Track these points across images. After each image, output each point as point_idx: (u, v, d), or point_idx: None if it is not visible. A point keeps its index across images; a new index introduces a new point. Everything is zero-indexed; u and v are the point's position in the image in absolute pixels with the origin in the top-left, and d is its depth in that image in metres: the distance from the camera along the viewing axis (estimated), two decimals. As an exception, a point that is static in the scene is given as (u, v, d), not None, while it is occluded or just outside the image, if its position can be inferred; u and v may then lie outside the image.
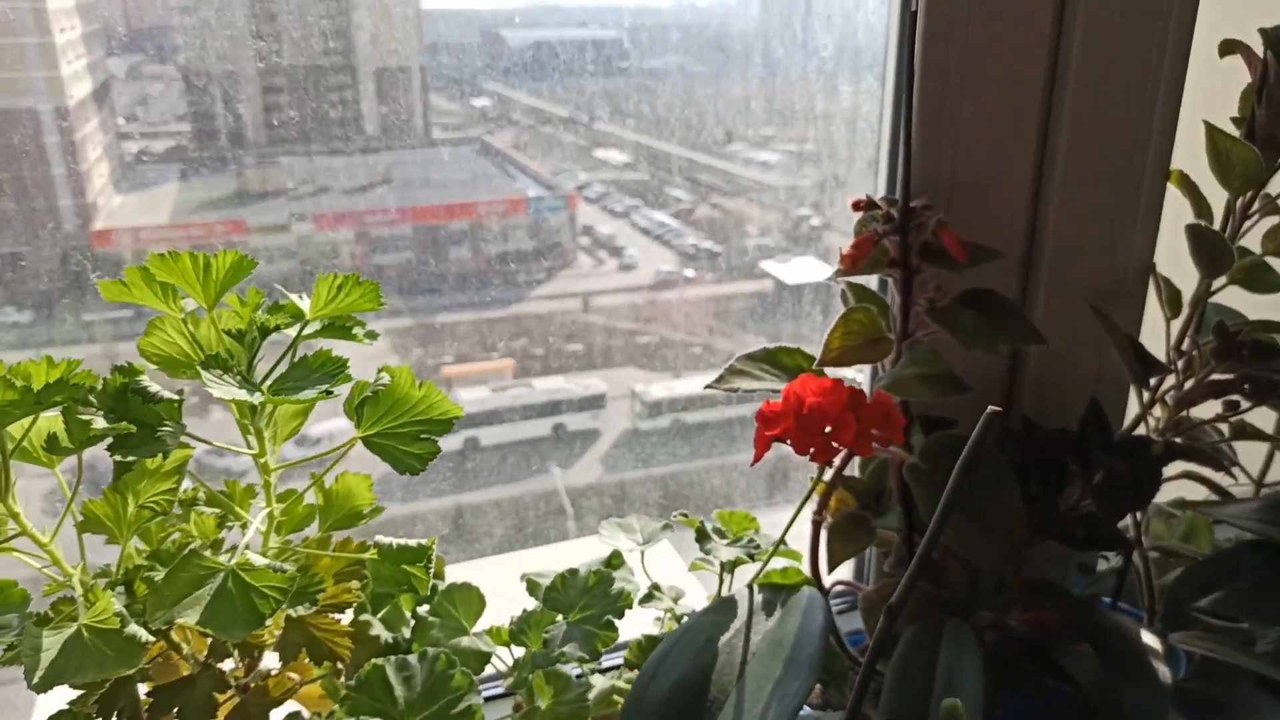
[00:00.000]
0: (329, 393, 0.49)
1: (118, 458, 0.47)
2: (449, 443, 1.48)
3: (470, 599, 0.66)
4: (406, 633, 0.62)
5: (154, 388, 0.50)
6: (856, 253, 0.64)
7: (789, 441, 0.58)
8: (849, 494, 0.69)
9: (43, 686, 0.43)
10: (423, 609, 0.64)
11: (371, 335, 0.54)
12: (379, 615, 0.60)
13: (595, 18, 1.16)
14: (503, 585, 0.70)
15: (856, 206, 0.67)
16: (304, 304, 0.53)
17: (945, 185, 0.73)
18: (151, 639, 0.47)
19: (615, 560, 0.69)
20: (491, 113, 1.21)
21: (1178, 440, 0.72)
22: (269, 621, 0.46)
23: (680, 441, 1.44)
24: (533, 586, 0.67)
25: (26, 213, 0.88)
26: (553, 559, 0.74)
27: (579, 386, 1.44)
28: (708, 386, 0.68)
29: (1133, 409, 0.75)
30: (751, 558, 0.68)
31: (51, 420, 0.49)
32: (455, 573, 0.68)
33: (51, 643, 0.44)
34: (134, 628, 0.46)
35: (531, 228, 1.28)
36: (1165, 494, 0.73)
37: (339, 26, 0.97)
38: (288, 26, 0.95)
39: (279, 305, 0.53)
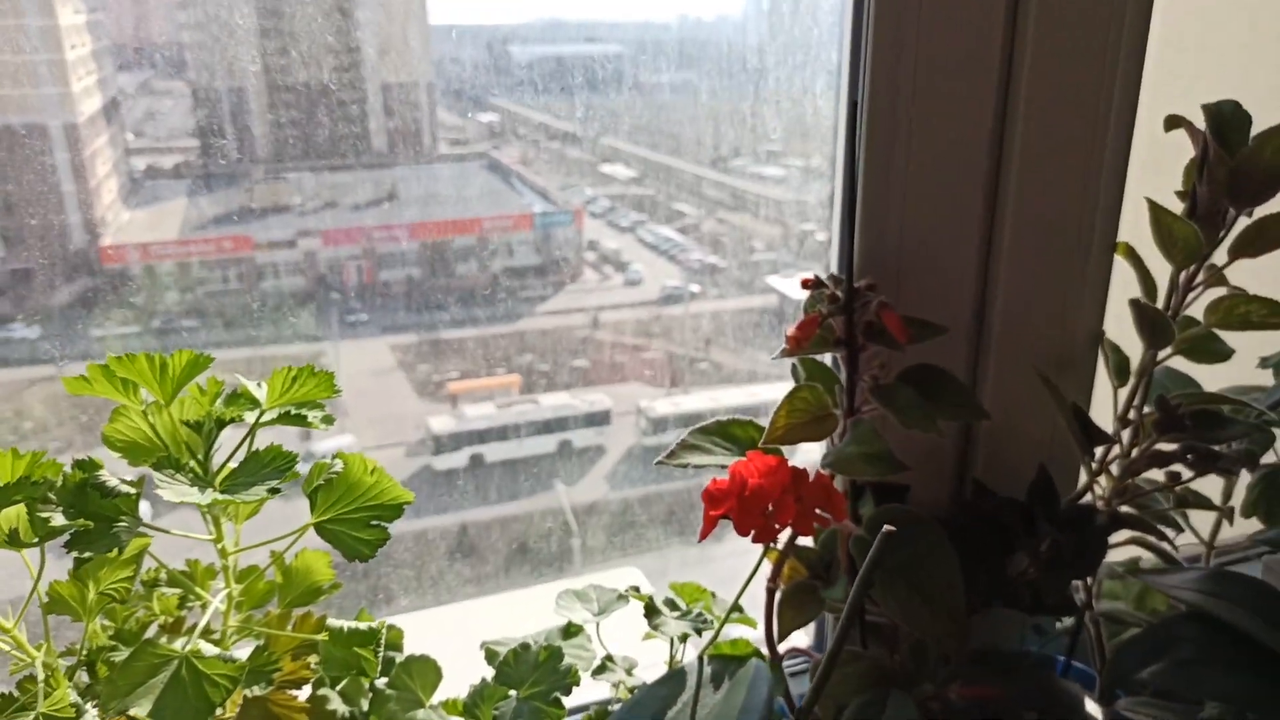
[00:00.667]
0: (275, 490, 0.50)
1: (75, 553, 0.49)
2: (456, 459, 1.48)
3: (427, 671, 0.66)
4: (365, 705, 0.63)
5: (111, 482, 0.51)
6: (801, 333, 0.65)
7: (732, 522, 0.59)
8: (800, 563, 0.69)
9: None
10: (381, 681, 0.64)
11: (328, 420, 0.55)
12: (337, 688, 0.61)
13: (602, 33, 1.16)
14: (481, 633, 0.70)
15: (805, 285, 0.67)
16: (260, 392, 0.54)
17: (893, 259, 0.73)
18: None
19: (572, 629, 0.70)
20: (498, 128, 1.21)
21: (1123, 509, 0.72)
22: (220, 710, 0.46)
23: (686, 457, 1.43)
24: (490, 655, 0.68)
25: (36, 228, 0.88)
26: (536, 604, 0.75)
27: (584, 402, 1.44)
28: (658, 462, 0.68)
29: (1084, 474, 0.76)
30: (699, 632, 0.69)
31: (16, 511, 0.50)
32: (434, 618, 0.67)
33: None
34: (90, 718, 0.47)
35: (537, 243, 1.28)
36: (1122, 554, 0.75)
37: (347, 43, 0.98)
38: (296, 42, 0.96)
39: (236, 394, 0.55)
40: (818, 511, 0.59)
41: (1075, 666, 0.80)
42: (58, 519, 0.49)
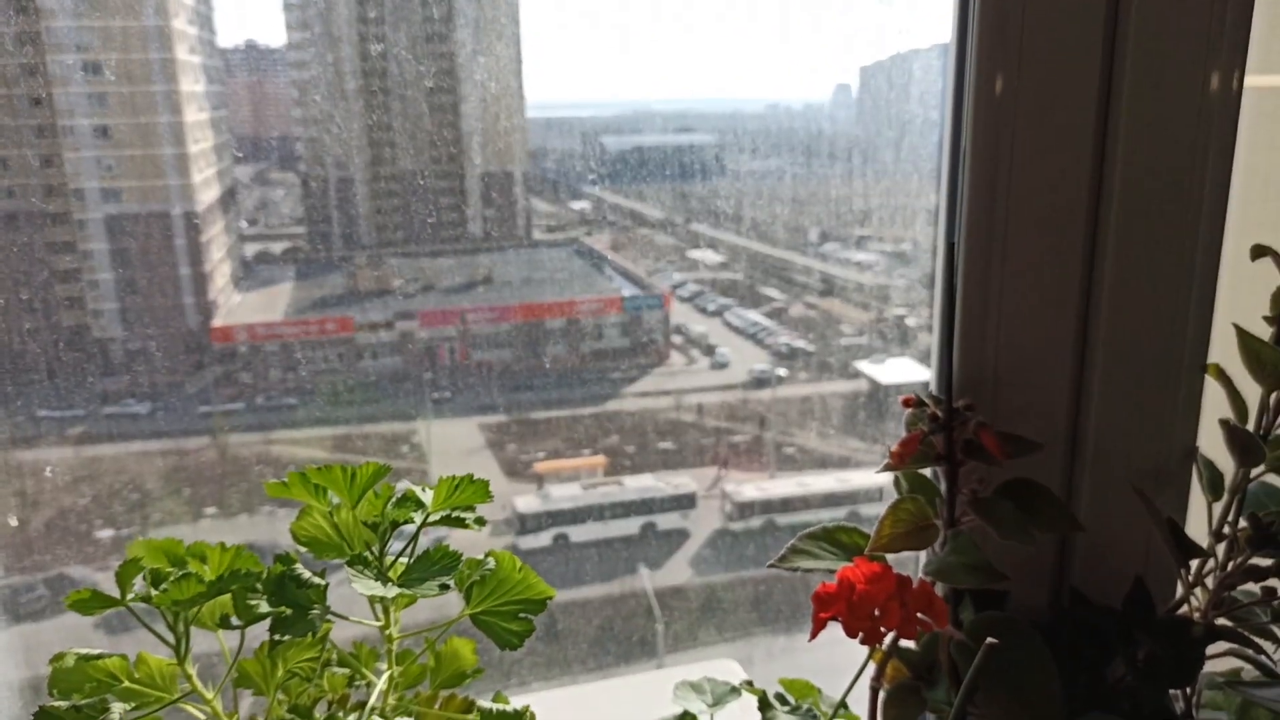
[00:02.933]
0: (446, 587, 0.57)
1: (276, 636, 0.56)
2: (540, 539, 1.48)
3: None
4: None
5: (305, 574, 0.59)
6: (904, 450, 0.71)
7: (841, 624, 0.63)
8: (903, 664, 0.72)
9: None
10: None
11: (480, 522, 0.61)
12: None
13: (692, 122, 1.19)
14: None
15: (906, 404, 0.73)
16: (426, 496, 0.61)
17: (990, 375, 0.78)
18: None
19: (687, 718, 0.73)
20: (590, 215, 1.24)
21: (1219, 622, 0.73)
22: None
23: (773, 544, 1.41)
24: None
25: (153, 309, 0.93)
26: (636, 691, 0.79)
27: (669, 485, 1.43)
28: (770, 565, 0.74)
29: (1180, 586, 0.77)
30: None
31: (223, 599, 0.58)
32: (542, 700, 0.70)
33: None
34: None
35: (626, 326, 1.29)
36: (1222, 664, 0.75)
37: (449, 135, 1.02)
38: (400, 135, 1.01)
39: (405, 498, 0.61)
40: (920, 616, 0.62)
41: None
42: (263, 606, 0.55)
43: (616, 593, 1.36)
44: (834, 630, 0.78)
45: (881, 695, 0.69)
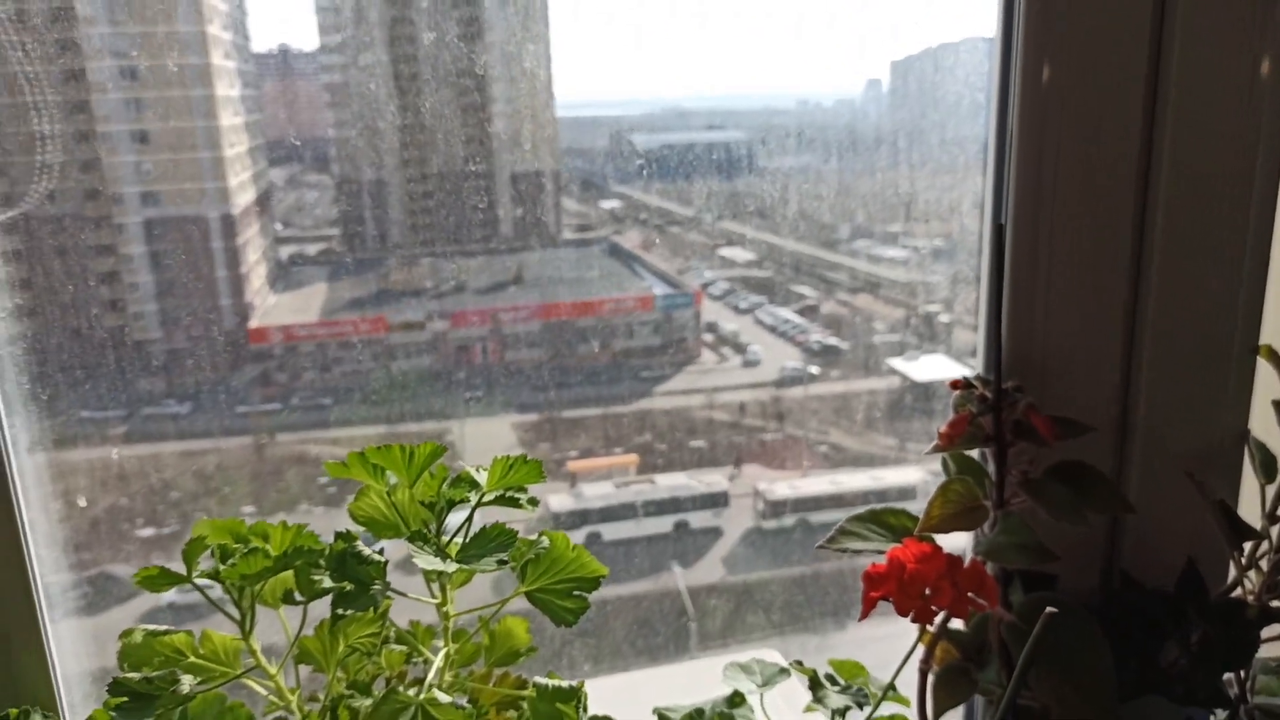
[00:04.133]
0: (504, 562, 0.58)
1: (339, 611, 0.57)
2: (575, 538, 1.48)
3: None
4: None
5: (367, 552, 0.60)
6: (953, 431, 0.73)
7: (892, 603, 0.64)
8: (953, 646, 0.73)
9: None
10: None
11: (533, 502, 0.62)
12: None
13: (722, 120, 1.18)
14: (621, 705, 0.75)
15: (954, 386, 0.73)
16: (480, 477, 0.63)
17: (1038, 358, 0.78)
18: None
19: (737, 699, 0.75)
20: (620, 214, 1.24)
21: (1274, 604, 0.73)
22: None
23: (806, 542, 1.40)
24: (663, 717, 0.74)
25: (191, 311, 0.95)
26: (672, 681, 0.82)
27: (701, 484, 1.43)
28: (819, 547, 0.74)
29: (1233, 569, 0.77)
30: (860, 706, 0.73)
31: (284, 576, 0.60)
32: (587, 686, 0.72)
33: None
34: None
35: (657, 325, 1.29)
36: (1276, 649, 0.75)
37: (480, 135, 1.03)
38: (433, 136, 1.01)
39: (459, 478, 0.63)
40: (971, 596, 0.63)
41: None
42: (326, 581, 0.57)
43: (649, 590, 1.36)
44: (871, 627, 0.78)
45: (931, 677, 0.71)
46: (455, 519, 0.63)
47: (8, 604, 0.72)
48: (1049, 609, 0.50)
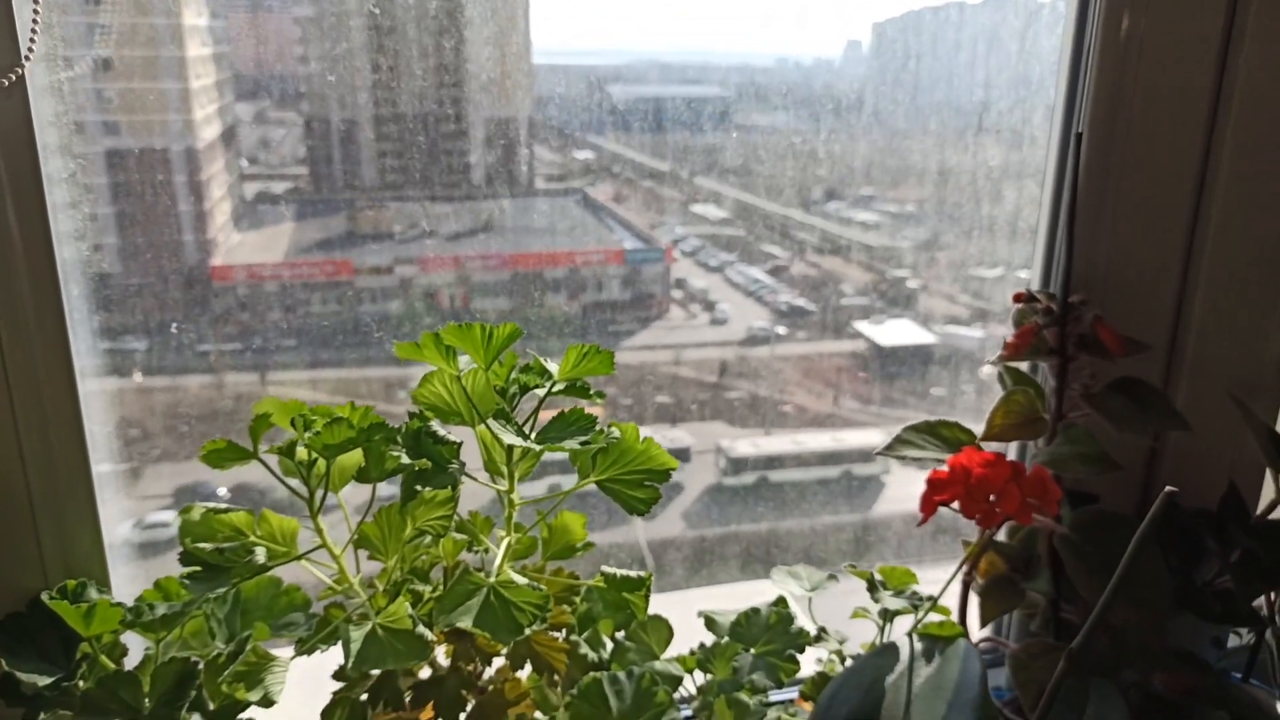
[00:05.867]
0: (586, 444, 0.59)
1: (417, 487, 0.58)
2: (535, 488, 1.49)
3: (660, 629, 0.75)
4: (605, 655, 0.72)
5: (442, 431, 0.61)
6: (1019, 341, 0.76)
7: (955, 506, 0.67)
8: (999, 558, 0.76)
9: (355, 670, 0.55)
10: (619, 635, 0.73)
11: (600, 395, 0.63)
12: (584, 637, 0.70)
13: (700, 75, 1.17)
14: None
15: (1017, 299, 0.76)
16: (551, 366, 0.63)
17: (1099, 277, 0.80)
18: (434, 639, 0.57)
19: (782, 604, 0.78)
20: (593, 165, 1.23)
21: None
22: (530, 629, 0.55)
23: (766, 500, 1.42)
24: (711, 623, 0.77)
25: (153, 246, 0.93)
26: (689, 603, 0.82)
27: (665, 439, 1.43)
28: (878, 453, 0.77)
29: (1268, 493, 0.79)
30: (915, 608, 0.75)
31: (354, 457, 0.60)
32: None
33: (356, 636, 0.55)
34: (422, 628, 0.57)
35: (627, 279, 1.29)
36: None
37: (453, 78, 1.01)
38: (404, 77, 0.99)
39: (529, 366, 0.63)
40: (1032, 503, 0.66)
41: (1252, 684, 0.81)
42: (404, 458, 0.57)
43: (609, 542, 1.37)
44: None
45: (976, 587, 0.74)
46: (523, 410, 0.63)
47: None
48: (1168, 489, 0.52)
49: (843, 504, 1.42)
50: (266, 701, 0.60)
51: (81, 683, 0.64)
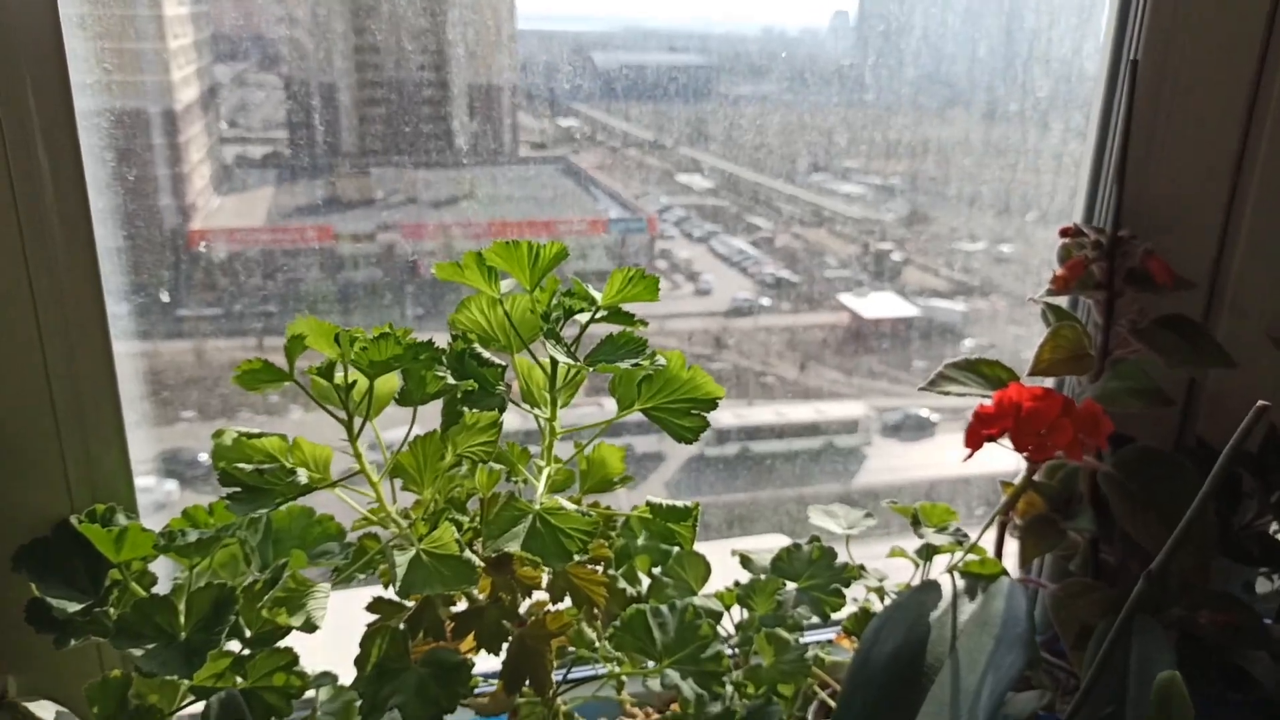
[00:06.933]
0: (638, 365, 0.57)
1: (461, 409, 0.57)
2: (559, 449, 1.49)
3: (698, 565, 0.74)
4: (643, 590, 0.71)
5: (486, 354, 0.59)
6: (1069, 274, 0.76)
7: (1003, 440, 0.66)
8: (1039, 498, 0.76)
9: (403, 594, 0.54)
10: (655, 571, 0.73)
11: (643, 323, 0.61)
12: (619, 572, 0.69)
13: (685, 44, 1.16)
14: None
15: (1064, 233, 0.75)
16: (595, 292, 0.61)
17: (1145, 212, 0.80)
18: (481, 564, 0.56)
19: (815, 541, 0.78)
20: (577, 133, 1.22)
21: None
22: (578, 557, 0.54)
23: (747, 470, 1.42)
24: (746, 561, 0.77)
25: (130, 210, 0.92)
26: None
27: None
28: (921, 388, 0.77)
29: None
30: (960, 544, 0.75)
31: (391, 379, 0.58)
32: None
33: (401, 561, 0.54)
34: (469, 554, 0.56)
35: (611, 249, 1.29)
36: None
37: (436, 43, 1.00)
38: (386, 41, 0.98)
39: (571, 291, 0.61)
40: (1081, 437, 0.66)
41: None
42: (449, 379, 0.56)
43: (591, 512, 1.37)
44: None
45: (1015, 526, 0.74)
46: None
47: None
48: (1260, 403, 0.52)
49: (824, 475, 1.43)
50: (309, 626, 0.59)
51: (112, 609, 0.64)
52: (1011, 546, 0.78)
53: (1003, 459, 0.94)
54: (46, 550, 0.68)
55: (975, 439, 0.68)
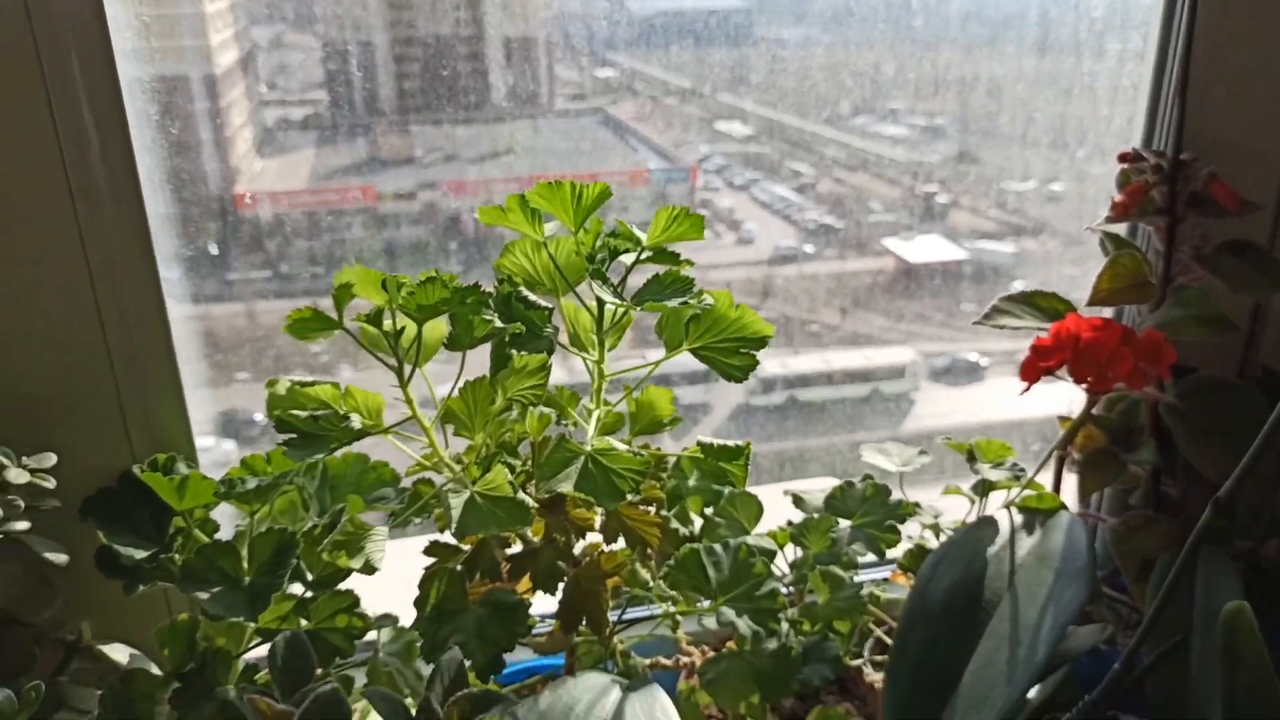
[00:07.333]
0: (686, 304, 0.57)
1: (509, 353, 0.57)
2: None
3: (750, 505, 0.74)
4: (695, 530, 0.71)
5: (532, 297, 0.60)
6: (1128, 200, 0.74)
7: (1061, 372, 0.65)
8: (1098, 431, 0.75)
9: (459, 535, 0.55)
10: (707, 511, 0.73)
11: (688, 263, 0.60)
12: (672, 514, 0.69)
13: (722, -14, 1.14)
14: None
15: (1123, 159, 0.73)
16: (640, 233, 0.61)
17: (1208, 137, 0.77)
18: (535, 505, 0.57)
19: (868, 478, 0.78)
20: (615, 83, 1.21)
21: None
22: (631, 497, 0.54)
23: (795, 417, 1.42)
24: (799, 501, 0.77)
25: (177, 174, 0.93)
26: None
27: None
28: (976, 323, 0.75)
29: None
30: (1016, 479, 0.74)
31: (438, 326, 0.59)
32: None
33: (456, 504, 0.55)
34: (522, 495, 0.56)
35: (652, 199, 1.28)
36: None
37: (470, -4, 0.99)
38: (421, -4, 0.98)
39: (615, 232, 0.61)
40: (1142, 367, 0.65)
41: None
42: (496, 322, 0.56)
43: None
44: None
45: (1073, 461, 0.74)
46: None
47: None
48: None
49: (872, 421, 1.42)
50: (369, 568, 0.61)
51: (177, 556, 0.66)
52: (1069, 482, 0.77)
53: (1055, 402, 0.92)
54: (112, 500, 0.71)
55: (1032, 372, 0.66)
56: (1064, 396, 0.78)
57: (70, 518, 0.69)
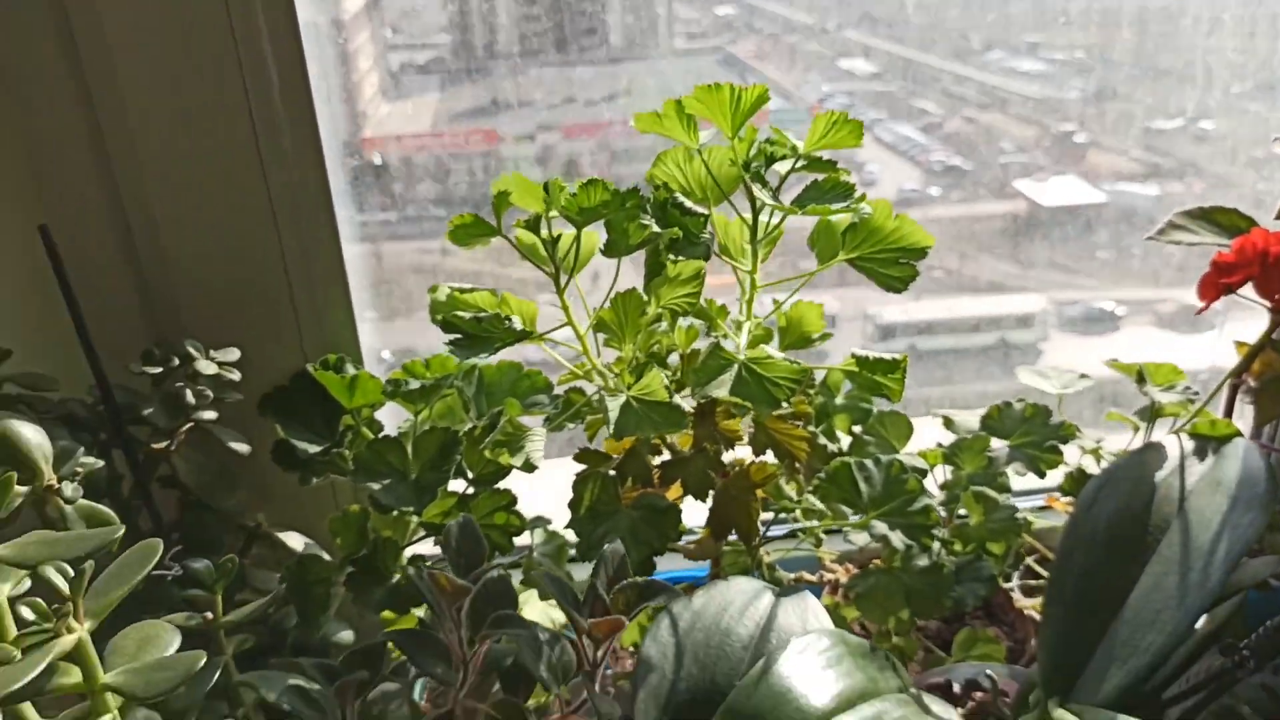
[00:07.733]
0: (848, 209, 0.56)
1: (666, 259, 0.57)
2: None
3: (900, 424, 0.75)
4: (843, 447, 0.72)
5: (689, 204, 0.59)
6: None
7: (1241, 287, 0.62)
8: (1279, 357, 0.71)
9: (617, 435, 0.56)
10: (855, 429, 0.73)
11: (846, 171, 0.59)
12: (819, 430, 0.70)
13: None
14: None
15: None
16: (797, 141, 0.60)
17: None
18: (690, 410, 0.58)
19: (1030, 405, 0.76)
20: (735, 21, 1.18)
21: None
22: (787, 405, 0.55)
23: (915, 367, 1.38)
24: (949, 423, 0.76)
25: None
26: None
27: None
28: (1148, 238, 0.73)
29: None
30: (1190, 402, 0.72)
31: (592, 236, 0.60)
32: None
33: (613, 406, 0.56)
34: (679, 399, 0.57)
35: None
36: None
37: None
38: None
39: (771, 140, 0.59)
40: None
41: None
42: (654, 227, 0.57)
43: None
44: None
45: (1249, 389, 0.71)
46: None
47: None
48: None
49: (998, 371, 1.37)
50: (529, 466, 0.63)
51: (348, 451, 0.70)
52: (1244, 412, 0.72)
53: (1198, 356, 0.87)
54: (287, 397, 0.75)
55: (1212, 289, 0.63)
56: (1206, 353, 0.73)
57: (249, 413, 0.74)
